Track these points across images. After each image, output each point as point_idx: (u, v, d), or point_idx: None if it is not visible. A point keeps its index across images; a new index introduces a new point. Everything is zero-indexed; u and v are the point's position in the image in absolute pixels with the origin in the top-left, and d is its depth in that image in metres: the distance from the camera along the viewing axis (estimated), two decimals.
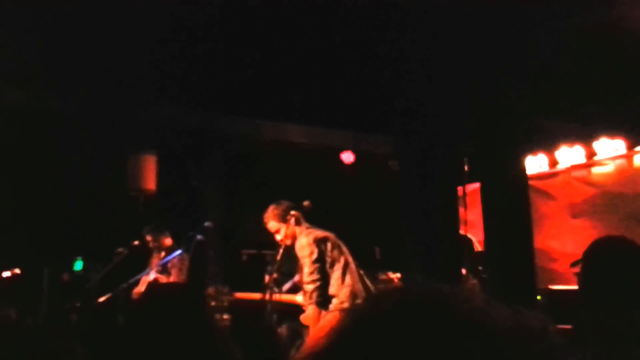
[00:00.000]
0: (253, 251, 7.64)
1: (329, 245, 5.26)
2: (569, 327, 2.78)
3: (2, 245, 6.30)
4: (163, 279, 6.23)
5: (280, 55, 5.66)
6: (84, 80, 5.95)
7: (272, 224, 5.45)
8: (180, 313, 2.06)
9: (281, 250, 5.50)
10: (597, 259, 2.49)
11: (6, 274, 6.13)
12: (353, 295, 5.12)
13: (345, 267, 5.24)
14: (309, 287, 5.13)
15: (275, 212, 5.41)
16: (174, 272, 6.30)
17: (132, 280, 6.00)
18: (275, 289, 5.49)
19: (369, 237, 8.28)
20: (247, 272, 6.77)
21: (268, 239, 6.13)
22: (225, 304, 6.03)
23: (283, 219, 5.37)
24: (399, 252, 7.29)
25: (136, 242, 6.45)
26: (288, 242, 5.39)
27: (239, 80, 5.82)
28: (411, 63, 5.79)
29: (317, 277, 5.12)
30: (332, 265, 5.21)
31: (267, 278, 5.71)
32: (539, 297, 6.05)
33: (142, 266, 6.44)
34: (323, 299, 5.13)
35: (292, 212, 5.36)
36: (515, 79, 5.86)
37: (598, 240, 2.62)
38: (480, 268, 6.68)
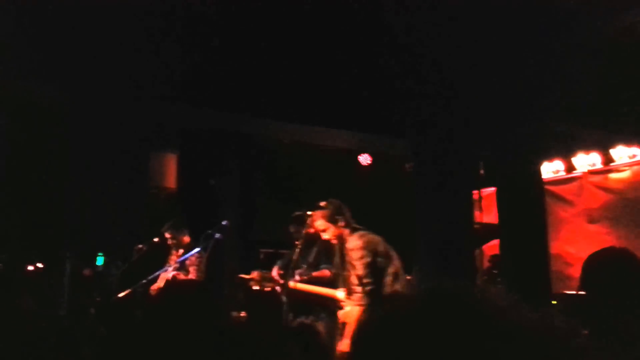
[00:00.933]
0: (271, 250, 7.73)
1: (380, 250, 5.20)
2: (584, 332, 2.82)
3: (26, 240, 6.45)
4: (181, 276, 6.32)
5: (300, 57, 5.74)
6: (106, 80, 6.07)
7: (320, 223, 5.34)
8: (197, 309, 2.13)
9: (298, 250, 5.56)
10: (595, 270, 2.58)
11: (30, 267, 6.29)
12: None
13: (396, 273, 5.22)
14: (360, 289, 5.04)
15: (325, 212, 5.32)
16: (191, 269, 6.38)
17: (151, 277, 6.11)
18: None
19: (386, 239, 8.33)
20: (265, 271, 6.85)
21: (285, 238, 6.23)
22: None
23: (332, 219, 5.30)
24: (413, 255, 7.34)
25: (156, 239, 6.57)
26: (334, 241, 5.40)
27: (260, 82, 5.90)
28: (429, 67, 5.83)
29: (369, 280, 5.02)
30: (382, 271, 5.13)
31: (275, 272, 5.80)
32: (554, 302, 6.06)
33: (161, 263, 6.55)
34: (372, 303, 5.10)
35: (342, 213, 5.37)
36: (532, 85, 5.88)
37: (597, 253, 2.71)
38: (494, 272, 6.71)
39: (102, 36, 5.33)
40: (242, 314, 6.04)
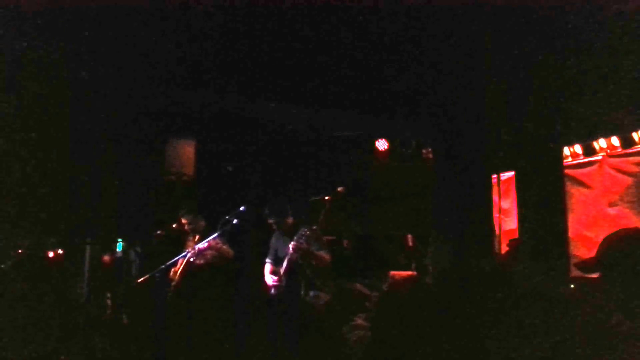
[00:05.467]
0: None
1: None
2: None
3: (47, 227, 6.51)
4: (199, 261, 6.35)
5: (317, 42, 5.71)
6: (125, 67, 6.07)
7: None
8: (215, 291, 2.17)
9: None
10: (611, 252, 2.55)
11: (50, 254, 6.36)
12: None
13: None
14: None
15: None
16: (209, 254, 6.42)
17: (169, 262, 6.15)
18: None
19: (402, 225, 8.33)
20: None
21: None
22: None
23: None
24: (430, 239, 7.32)
25: (174, 225, 6.63)
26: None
27: (277, 67, 5.88)
28: (446, 52, 5.78)
29: None
30: None
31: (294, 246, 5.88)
32: (572, 286, 6.02)
33: (179, 248, 6.59)
34: None
35: None
36: (552, 67, 5.81)
37: (613, 234, 2.67)
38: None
39: (117, 22, 5.33)
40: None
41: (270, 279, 6.05)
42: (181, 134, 7.69)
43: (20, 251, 6.31)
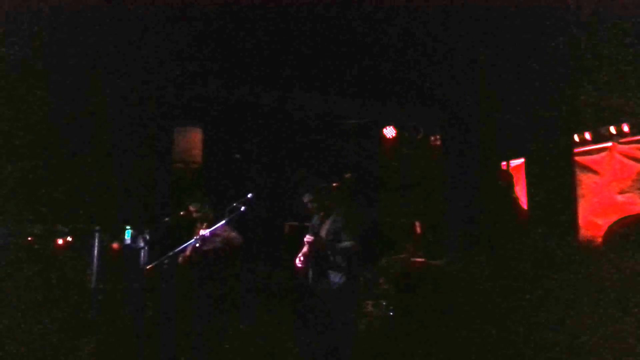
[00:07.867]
0: (295, 223, 7.75)
1: None
2: None
3: (55, 214, 6.53)
4: (207, 248, 6.36)
5: (326, 31, 5.69)
6: (132, 55, 6.07)
7: None
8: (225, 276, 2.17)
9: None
10: (618, 236, 2.59)
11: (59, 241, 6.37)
12: None
13: None
14: None
15: None
16: (217, 241, 6.43)
17: (177, 249, 6.16)
18: None
19: (410, 211, 8.31)
20: (290, 243, 6.88)
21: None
22: None
23: None
24: (440, 227, 7.31)
25: (182, 213, 6.63)
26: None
27: (284, 54, 5.87)
28: (456, 39, 5.75)
29: None
30: None
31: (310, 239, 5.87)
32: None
33: (187, 236, 6.59)
34: None
35: None
36: (562, 55, 5.78)
37: (620, 220, 2.72)
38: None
39: (124, 9, 5.32)
40: None
41: (298, 261, 6.09)
42: (189, 121, 7.68)
43: (30, 239, 6.33)
